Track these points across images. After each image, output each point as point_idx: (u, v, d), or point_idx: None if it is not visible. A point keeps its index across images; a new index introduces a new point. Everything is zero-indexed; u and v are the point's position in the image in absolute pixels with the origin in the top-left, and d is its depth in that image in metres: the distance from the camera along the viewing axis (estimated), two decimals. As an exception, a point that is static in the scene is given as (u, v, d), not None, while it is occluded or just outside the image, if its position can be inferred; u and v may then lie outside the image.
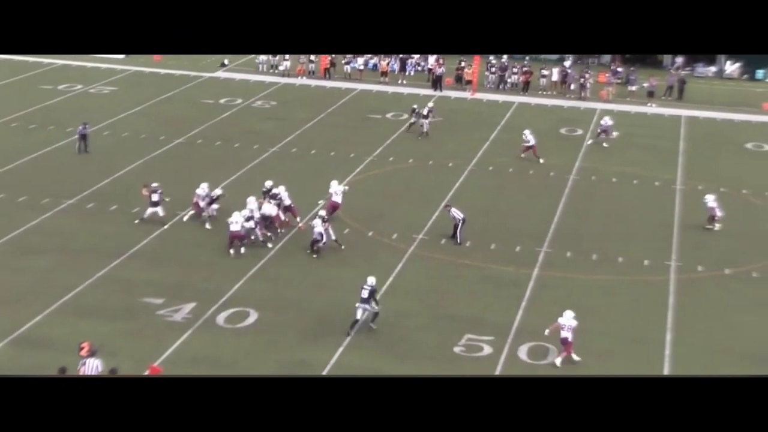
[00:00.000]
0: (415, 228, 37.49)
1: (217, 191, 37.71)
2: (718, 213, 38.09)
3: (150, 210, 36.36)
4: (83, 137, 45.00)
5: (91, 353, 24.77)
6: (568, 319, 28.07)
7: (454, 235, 36.09)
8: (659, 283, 33.40)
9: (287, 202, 36.79)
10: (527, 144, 46.54)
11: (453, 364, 28.14)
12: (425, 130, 49.97)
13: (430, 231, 37.49)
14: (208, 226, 36.64)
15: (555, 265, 34.42)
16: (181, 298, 31.34)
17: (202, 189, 37.45)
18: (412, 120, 50.83)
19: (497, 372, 27.63)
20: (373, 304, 29.78)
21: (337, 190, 37.96)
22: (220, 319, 30.31)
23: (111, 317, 29.97)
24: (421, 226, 37.83)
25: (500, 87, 62.20)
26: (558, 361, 28.11)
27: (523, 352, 28.89)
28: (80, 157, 44.80)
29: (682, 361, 28.60)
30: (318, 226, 34.45)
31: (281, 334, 29.47)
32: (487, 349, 28.98)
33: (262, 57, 64.05)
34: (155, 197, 36.49)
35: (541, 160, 45.85)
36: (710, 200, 38.45)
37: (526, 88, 61.36)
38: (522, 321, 30.77)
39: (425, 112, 50.60)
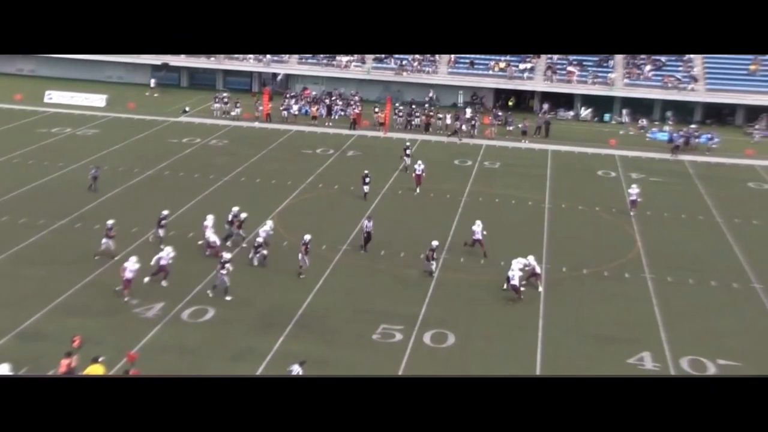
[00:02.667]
0: (339, 240, 37.59)
1: (243, 214, 37.36)
2: (638, 199, 42.96)
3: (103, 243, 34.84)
4: (95, 178, 43.38)
5: (67, 353, 24.36)
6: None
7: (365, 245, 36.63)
8: (533, 281, 33.89)
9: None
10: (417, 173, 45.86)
11: (371, 348, 28.29)
12: (407, 164, 49.29)
13: (352, 243, 37.60)
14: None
15: (451, 268, 34.76)
16: (153, 299, 31.08)
17: (209, 220, 36.24)
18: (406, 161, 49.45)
19: (406, 354, 27.83)
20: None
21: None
22: (185, 315, 30.12)
23: (96, 315, 29.63)
24: (345, 239, 37.95)
25: (407, 127, 62.54)
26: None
27: (427, 338, 29.09)
28: (71, 186, 44.10)
29: (552, 342, 29.09)
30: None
31: (234, 326, 29.36)
32: (399, 336, 29.15)
33: (216, 105, 63.78)
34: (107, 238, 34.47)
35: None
36: (633, 191, 43.04)
37: (427, 128, 61.79)
38: (426, 313, 30.99)
39: (408, 152, 49.36)
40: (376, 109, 63.54)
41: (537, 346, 28.87)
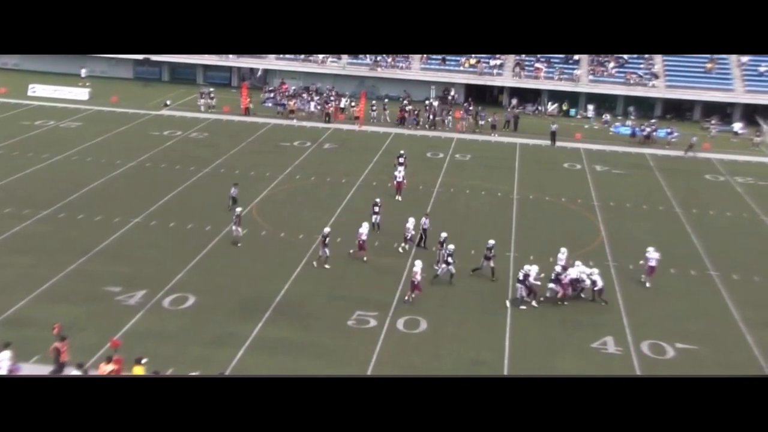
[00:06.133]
0: (316, 230, 37.50)
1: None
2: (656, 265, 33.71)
3: None
4: (234, 200, 39.38)
5: (61, 337, 24.28)
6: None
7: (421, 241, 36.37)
8: (503, 269, 33.99)
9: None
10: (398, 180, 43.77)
11: (346, 333, 28.28)
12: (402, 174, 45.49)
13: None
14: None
15: (423, 257, 34.71)
16: (135, 287, 30.91)
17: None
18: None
19: (380, 340, 27.85)
20: (451, 267, 32.22)
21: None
22: (166, 302, 29.96)
23: (79, 302, 29.42)
24: (321, 228, 37.81)
25: (381, 120, 62.45)
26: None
27: (400, 324, 29.14)
28: (55, 177, 43.76)
29: (520, 327, 29.22)
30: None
31: (213, 313, 29.25)
32: (373, 322, 29.17)
33: (202, 100, 63.26)
34: None
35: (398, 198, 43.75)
36: (652, 255, 33.62)
37: (402, 122, 61.69)
38: (399, 299, 31.05)
39: (401, 160, 46.25)
40: (352, 103, 63.64)
41: (506, 332, 29.00)
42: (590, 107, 69.17)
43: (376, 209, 37.52)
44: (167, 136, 54.84)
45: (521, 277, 31.10)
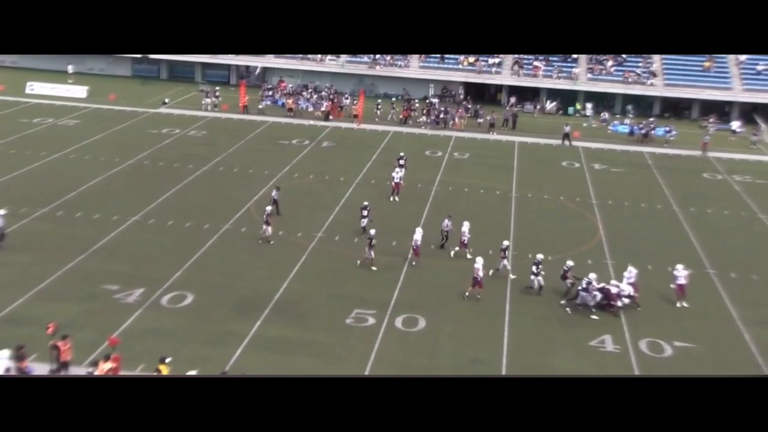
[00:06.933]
0: (315, 228, 37.49)
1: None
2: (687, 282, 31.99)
3: None
4: (275, 202, 38.86)
5: (62, 336, 24.23)
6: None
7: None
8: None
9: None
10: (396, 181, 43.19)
11: (345, 332, 28.23)
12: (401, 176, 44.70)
13: (327, 230, 37.52)
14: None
15: (422, 254, 34.65)
16: (133, 285, 30.85)
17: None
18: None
19: (378, 338, 27.81)
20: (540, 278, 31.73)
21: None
22: (164, 300, 29.91)
23: (77, 300, 29.37)
24: (320, 226, 37.85)
25: (389, 119, 62.31)
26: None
27: (399, 322, 29.09)
28: (53, 175, 43.70)
29: (518, 326, 29.20)
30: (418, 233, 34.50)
31: (212, 311, 29.20)
32: (371, 321, 29.12)
33: (207, 99, 63.02)
34: None
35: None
36: (680, 273, 32.02)
37: (406, 121, 61.62)
38: (398, 298, 30.99)
39: (402, 162, 45.81)
40: (354, 102, 63.59)
41: (504, 330, 28.96)
42: (588, 105, 69.15)
43: (365, 213, 37.19)
44: (165, 134, 54.76)
45: (584, 285, 30.79)
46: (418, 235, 34.41)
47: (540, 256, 32.77)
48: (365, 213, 37.03)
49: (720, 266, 35.82)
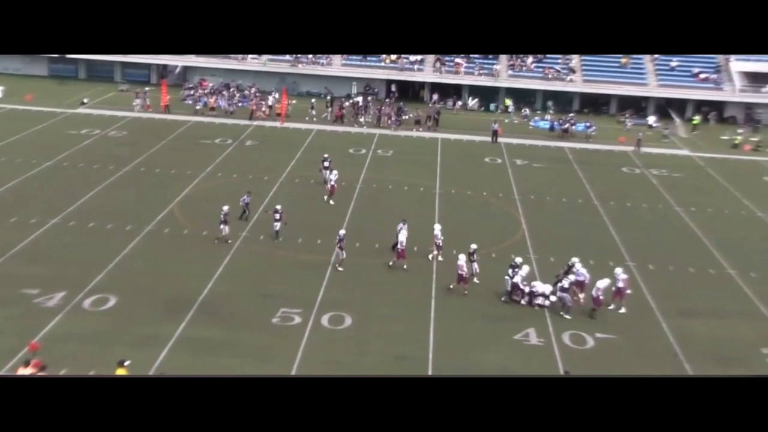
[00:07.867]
0: (239, 227, 37.21)
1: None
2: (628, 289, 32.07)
3: None
4: (246, 205, 38.54)
5: None
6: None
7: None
8: (427, 263, 34.24)
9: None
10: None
11: (271, 331, 28.11)
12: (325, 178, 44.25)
13: (252, 230, 37.30)
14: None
15: (347, 252, 34.66)
16: (54, 288, 30.20)
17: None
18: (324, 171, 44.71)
19: (305, 336, 27.76)
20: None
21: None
22: (86, 303, 29.36)
23: (-4, 306, 28.66)
24: (244, 226, 37.59)
25: (328, 119, 62.24)
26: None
27: (325, 321, 29.09)
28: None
29: (444, 321, 29.45)
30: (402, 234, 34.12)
31: (135, 313, 28.77)
32: (297, 319, 29.05)
33: (138, 101, 61.80)
34: None
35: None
36: (621, 276, 31.82)
37: (341, 120, 61.46)
38: (323, 296, 30.99)
39: (326, 164, 45.04)
40: (278, 101, 63.28)
41: (430, 325, 29.18)
42: (509, 101, 70.07)
43: (277, 216, 36.64)
44: (85, 134, 53.69)
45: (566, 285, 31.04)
46: (403, 236, 34.09)
47: (474, 246, 33.42)
48: (277, 217, 36.54)
49: (639, 258, 36.70)
